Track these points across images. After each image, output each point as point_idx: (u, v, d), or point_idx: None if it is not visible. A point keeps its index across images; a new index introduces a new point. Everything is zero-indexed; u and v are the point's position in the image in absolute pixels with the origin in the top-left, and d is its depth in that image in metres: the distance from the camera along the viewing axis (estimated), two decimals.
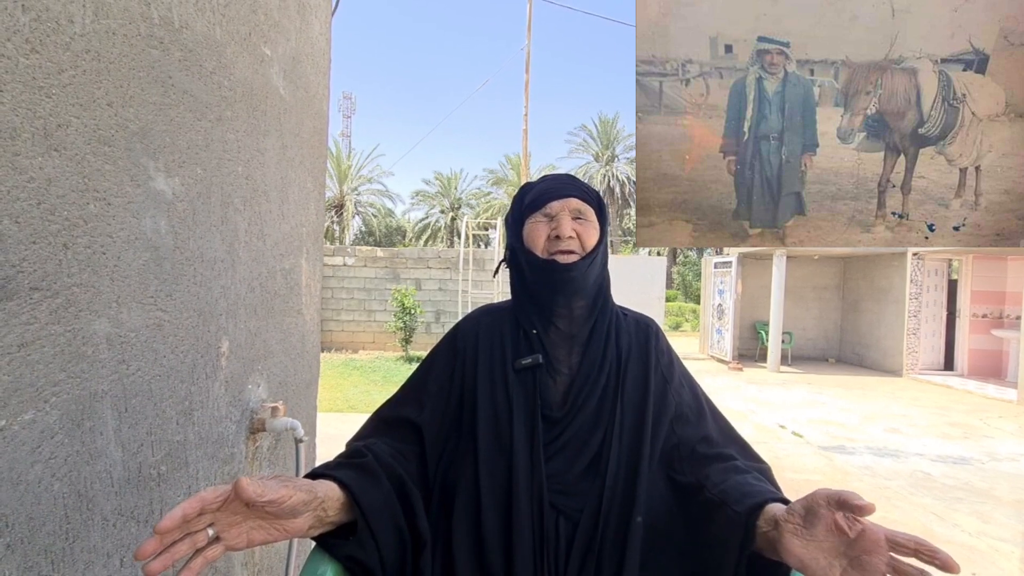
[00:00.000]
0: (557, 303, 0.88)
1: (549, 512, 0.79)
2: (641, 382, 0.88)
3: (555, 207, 0.88)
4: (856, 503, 0.58)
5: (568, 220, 0.87)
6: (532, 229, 0.89)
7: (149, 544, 0.54)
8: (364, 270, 10.53)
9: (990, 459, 4.80)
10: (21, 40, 0.61)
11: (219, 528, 0.60)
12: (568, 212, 0.88)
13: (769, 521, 0.67)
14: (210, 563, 0.60)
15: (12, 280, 0.61)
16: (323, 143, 1.60)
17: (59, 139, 0.66)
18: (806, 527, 0.63)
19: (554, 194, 0.89)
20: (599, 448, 0.83)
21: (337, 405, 5.98)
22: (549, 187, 0.90)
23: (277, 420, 1.20)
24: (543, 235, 0.88)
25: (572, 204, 0.89)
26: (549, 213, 0.88)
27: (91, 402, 0.73)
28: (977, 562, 2.92)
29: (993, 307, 9.21)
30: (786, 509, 0.66)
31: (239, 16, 1.07)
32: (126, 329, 0.79)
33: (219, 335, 1.05)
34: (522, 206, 0.92)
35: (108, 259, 0.75)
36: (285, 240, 1.33)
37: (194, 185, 0.94)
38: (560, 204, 0.88)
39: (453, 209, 31.22)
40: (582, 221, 0.89)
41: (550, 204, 0.88)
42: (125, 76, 0.77)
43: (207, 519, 0.60)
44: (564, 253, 0.87)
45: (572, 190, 0.90)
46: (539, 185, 0.92)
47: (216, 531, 0.60)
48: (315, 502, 0.67)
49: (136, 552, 0.54)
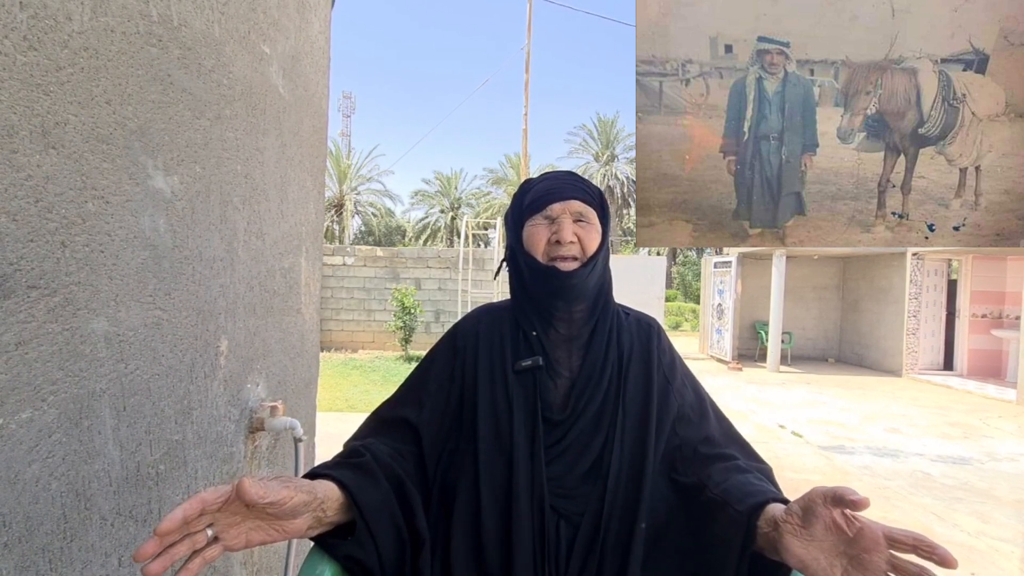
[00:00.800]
0: (557, 307, 0.87)
1: (550, 515, 0.78)
2: (643, 384, 0.87)
3: (556, 209, 0.86)
4: (851, 498, 0.58)
5: (569, 224, 0.85)
6: (532, 232, 0.87)
7: (148, 546, 0.54)
8: (364, 269, 10.53)
9: (990, 459, 4.81)
10: (19, 37, 0.61)
11: (218, 529, 0.60)
12: (569, 215, 0.86)
13: (769, 522, 0.67)
14: (208, 564, 0.59)
15: (10, 278, 0.61)
16: (322, 142, 1.60)
17: (57, 137, 0.66)
18: (805, 527, 0.62)
19: (555, 195, 0.86)
20: (600, 451, 0.82)
21: (336, 404, 5.98)
22: (550, 187, 0.88)
23: (276, 419, 1.20)
24: (543, 239, 0.86)
25: (574, 207, 0.86)
26: (550, 215, 0.86)
27: (89, 401, 0.73)
28: (977, 562, 2.92)
29: (993, 307, 9.21)
30: (784, 509, 0.66)
31: (238, 14, 1.07)
32: (124, 328, 0.79)
33: (218, 334, 1.04)
34: (522, 206, 0.90)
35: (106, 257, 0.75)
36: (284, 239, 1.33)
37: (193, 183, 0.94)
38: (561, 206, 0.86)
39: (453, 209, 31.21)
40: (584, 224, 0.86)
41: (551, 206, 0.86)
42: (123, 74, 0.77)
43: (207, 519, 0.59)
44: (565, 259, 0.85)
45: (574, 191, 0.87)
46: (540, 184, 0.90)
47: (215, 531, 0.60)
48: (315, 503, 0.67)
49: (135, 554, 0.54)
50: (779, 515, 0.66)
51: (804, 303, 11.42)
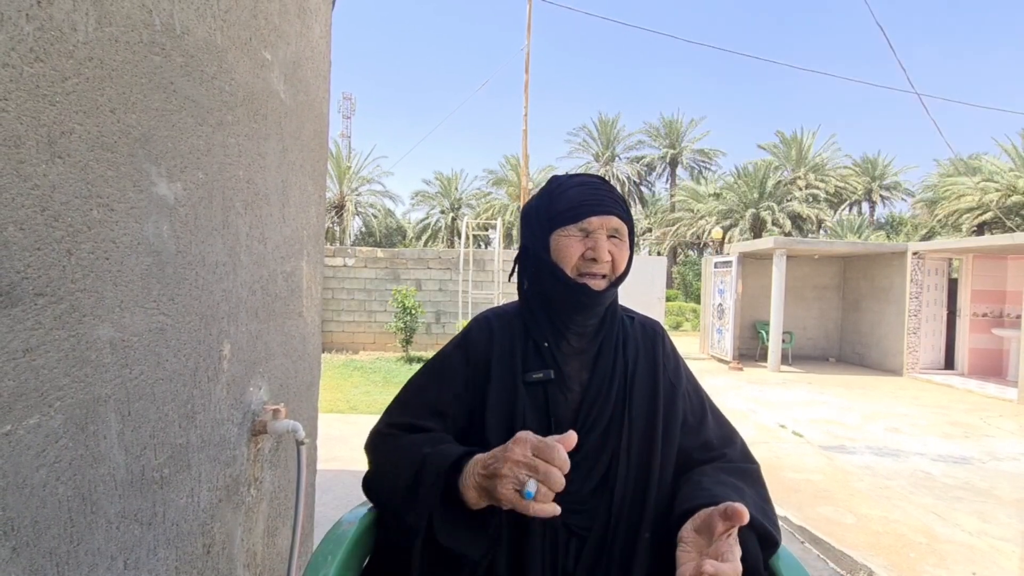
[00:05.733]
0: (575, 321, 0.85)
1: (561, 532, 0.78)
2: (649, 393, 0.86)
3: (594, 223, 0.82)
4: (741, 511, 0.64)
5: (605, 241, 0.82)
6: (565, 244, 0.82)
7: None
8: (364, 271, 10.54)
9: (991, 458, 4.80)
10: (25, 49, 0.62)
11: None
12: (606, 231, 0.82)
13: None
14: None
15: (17, 286, 0.62)
16: (323, 146, 1.61)
17: (63, 146, 0.67)
18: (698, 541, 0.70)
19: (594, 208, 0.82)
20: (609, 464, 0.82)
21: (339, 406, 5.99)
22: (587, 198, 0.83)
23: (278, 422, 1.21)
24: (576, 253, 0.82)
25: (611, 223, 0.82)
26: (587, 229, 0.82)
27: (95, 406, 0.74)
28: (978, 561, 2.92)
29: (993, 306, 9.20)
30: (683, 529, 0.72)
31: (240, 21, 1.07)
32: (129, 333, 0.80)
33: (221, 338, 1.05)
34: (552, 210, 0.84)
35: (111, 264, 0.76)
36: (286, 243, 1.34)
37: (196, 190, 0.95)
38: (600, 221, 0.82)
39: (453, 209, 31.20)
40: (617, 241, 0.84)
41: (589, 219, 0.82)
42: (128, 82, 0.78)
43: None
44: (595, 277, 0.82)
45: (612, 205, 0.83)
46: (575, 190, 0.84)
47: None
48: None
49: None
50: (683, 534, 0.71)
51: (805, 303, 11.41)
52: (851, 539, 3.15)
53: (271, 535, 1.33)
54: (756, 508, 0.75)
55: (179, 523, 0.94)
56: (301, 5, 1.38)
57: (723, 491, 0.75)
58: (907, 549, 3.06)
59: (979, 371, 9.14)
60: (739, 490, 0.78)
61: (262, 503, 1.27)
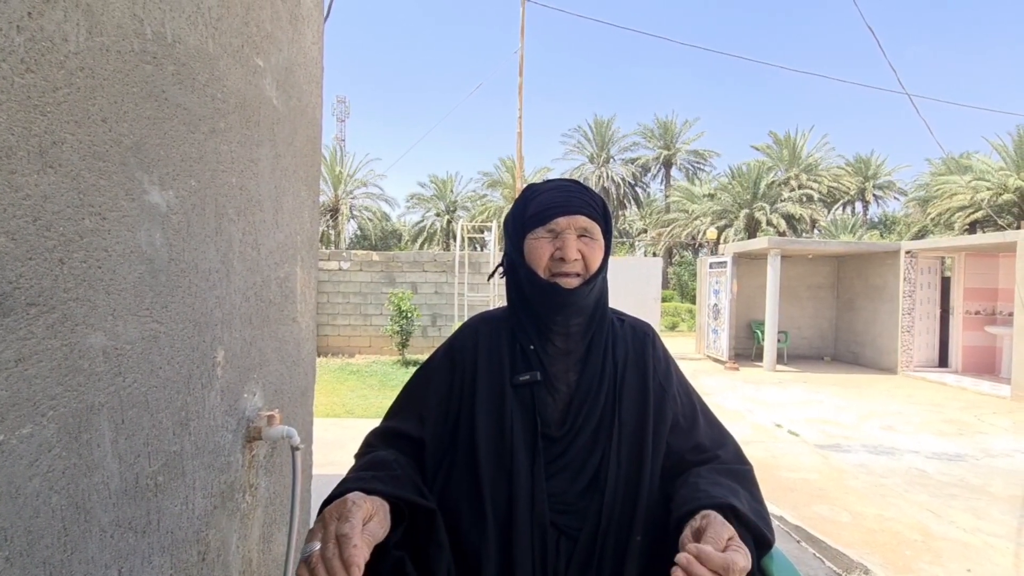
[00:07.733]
0: (555, 321, 0.86)
1: (550, 532, 0.79)
2: (639, 396, 0.87)
3: (561, 223, 0.84)
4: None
5: (574, 240, 0.83)
6: (535, 246, 0.85)
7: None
8: (360, 274, 10.52)
9: (985, 455, 4.84)
10: (16, 60, 0.62)
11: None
12: (574, 230, 0.84)
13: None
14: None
15: (9, 296, 0.62)
16: (317, 151, 1.61)
17: (54, 156, 0.67)
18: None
19: (561, 208, 0.84)
20: (598, 466, 0.82)
21: (334, 410, 5.97)
22: (555, 200, 0.85)
23: (273, 428, 1.21)
24: (546, 254, 0.84)
25: (579, 222, 0.84)
26: (554, 230, 0.84)
27: (88, 415, 0.74)
28: (972, 558, 2.94)
29: (986, 304, 9.27)
30: (682, 535, 0.71)
31: (231, 28, 1.08)
32: (122, 341, 0.80)
33: (214, 345, 1.05)
34: (525, 215, 0.87)
35: (104, 273, 0.76)
36: (280, 249, 1.34)
37: (188, 197, 0.95)
38: (567, 221, 0.84)
39: (448, 212, 31.20)
40: (588, 240, 0.85)
41: (556, 220, 0.84)
42: (119, 92, 0.78)
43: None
44: (567, 276, 0.84)
45: (580, 205, 0.85)
46: (544, 195, 0.87)
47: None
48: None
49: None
50: (684, 540, 0.70)
51: (799, 302, 11.47)
52: (847, 537, 3.17)
53: (267, 541, 1.33)
54: (750, 509, 0.76)
55: (174, 531, 0.94)
56: (293, 11, 1.38)
57: (720, 492, 0.76)
58: (902, 547, 3.08)
59: (972, 368, 9.21)
60: (734, 491, 0.78)
61: (257, 509, 1.27)
